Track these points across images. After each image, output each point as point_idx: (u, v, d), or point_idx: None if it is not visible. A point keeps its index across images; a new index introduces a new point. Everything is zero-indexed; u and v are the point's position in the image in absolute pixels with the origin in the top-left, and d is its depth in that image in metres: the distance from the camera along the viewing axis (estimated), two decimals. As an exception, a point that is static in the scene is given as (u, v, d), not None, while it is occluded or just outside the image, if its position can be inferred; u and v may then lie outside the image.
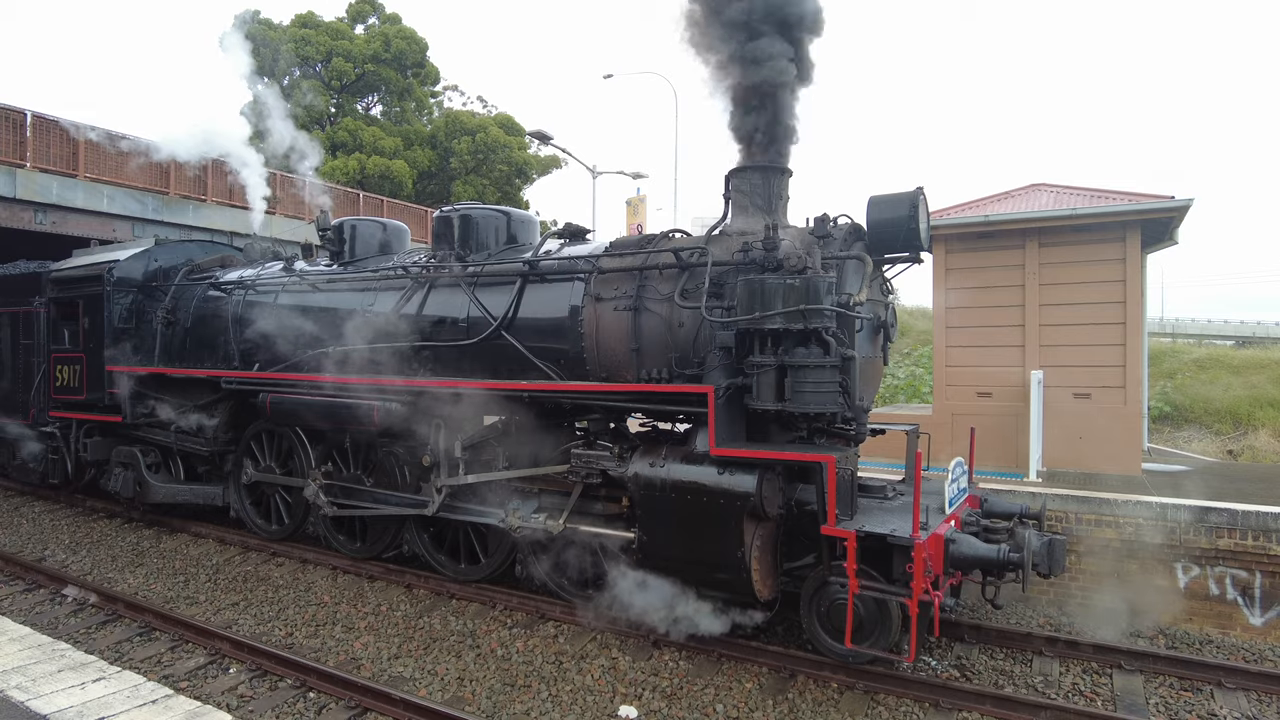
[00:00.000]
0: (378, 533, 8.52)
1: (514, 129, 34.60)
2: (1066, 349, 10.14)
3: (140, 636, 7.08)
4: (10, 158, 14.44)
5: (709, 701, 5.68)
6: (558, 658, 6.35)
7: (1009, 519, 6.40)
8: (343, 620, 7.29)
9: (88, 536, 10.35)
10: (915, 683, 5.74)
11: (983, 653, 6.55)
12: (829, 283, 5.58)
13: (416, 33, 34.21)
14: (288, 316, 9.10)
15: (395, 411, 7.50)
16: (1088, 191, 10.76)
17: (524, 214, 8.69)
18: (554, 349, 7.03)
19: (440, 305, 7.82)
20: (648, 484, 6.04)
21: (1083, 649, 6.50)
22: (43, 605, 7.98)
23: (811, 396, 5.49)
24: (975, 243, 10.67)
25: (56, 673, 4.43)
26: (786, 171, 6.64)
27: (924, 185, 6.17)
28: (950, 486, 5.95)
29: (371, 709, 5.57)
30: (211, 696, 5.80)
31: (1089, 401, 10.03)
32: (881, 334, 6.73)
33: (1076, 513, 7.82)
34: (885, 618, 5.56)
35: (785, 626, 6.71)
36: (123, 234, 15.84)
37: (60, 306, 11.39)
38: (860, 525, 5.46)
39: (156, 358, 10.51)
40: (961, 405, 10.66)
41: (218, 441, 9.79)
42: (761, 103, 6.26)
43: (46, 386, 11.53)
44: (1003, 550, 5.49)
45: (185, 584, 8.45)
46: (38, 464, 11.95)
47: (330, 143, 30.10)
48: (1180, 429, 16.69)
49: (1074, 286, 10.10)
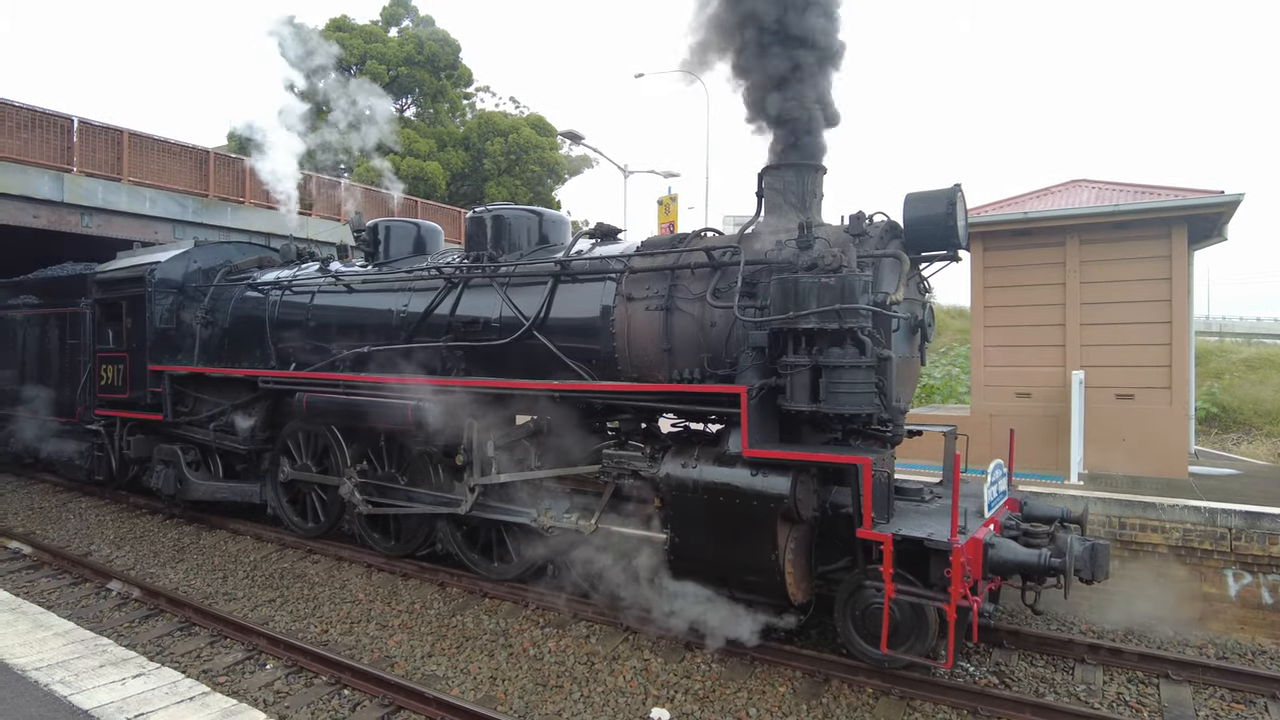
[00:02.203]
0: (411, 531, 8.58)
1: (546, 129, 34.76)
2: (1109, 349, 9.89)
3: (180, 631, 7.21)
4: (58, 163, 14.84)
5: (742, 705, 5.62)
6: (590, 658, 6.34)
7: (1049, 523, 6.25)
8: (377, 618, 7.36)
9: (131, 532, 10.58)
10: (952, 689, 5.62)
11: (1022, 659, 6.41)
12: (865, 281, 5.48)
13: (449, 34, 34.54)
14: (323, 316, 9.22)
15: (428, 411, 7.55)
16: (1131, 187, 10.49)
17: (556, 214, 8.71)
18: (585, 349, 7.02)
19: (473, 305, 7.86)
20: (680, 485, 6.00)
21: (1127, 657, 6.32)
22: (88, 599, 8.17)
23: (846, 397, 5.40)
24: (1014, 240, 10.46)
25: (98, 668, 4.51)
26: (821, 168, 6.55)
27: (961, 182, 6.05)
28: (989, 489, 5.82)
29: (405, 707, 5.61)
30: (248, 692, 5.87)
31: (1132, 403, 9.77)
32: (918, 333, 6.61)
33: (1120, 517, 7.61)
34: (922, 623, 5.46)
35: (819, 630, 6.63)
36: (164, 236, 16.19)
37: (105, 307, 11.66)
38: (897, 528, 5.37)
39: (196, 357, 10.71)
40: (1000, 406, 10.46)
41: (255, 440, 9.94)
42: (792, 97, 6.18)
43: (92, 385, 11.81)
44: (1043, 555, 5.36)
45: (224, 580, 8.59)
46: (84, 461, 12.27)
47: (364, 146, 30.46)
48: (1229, 431, 16.22)
49: (1117, 285, 9.85)
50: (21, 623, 5.24)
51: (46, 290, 13.68)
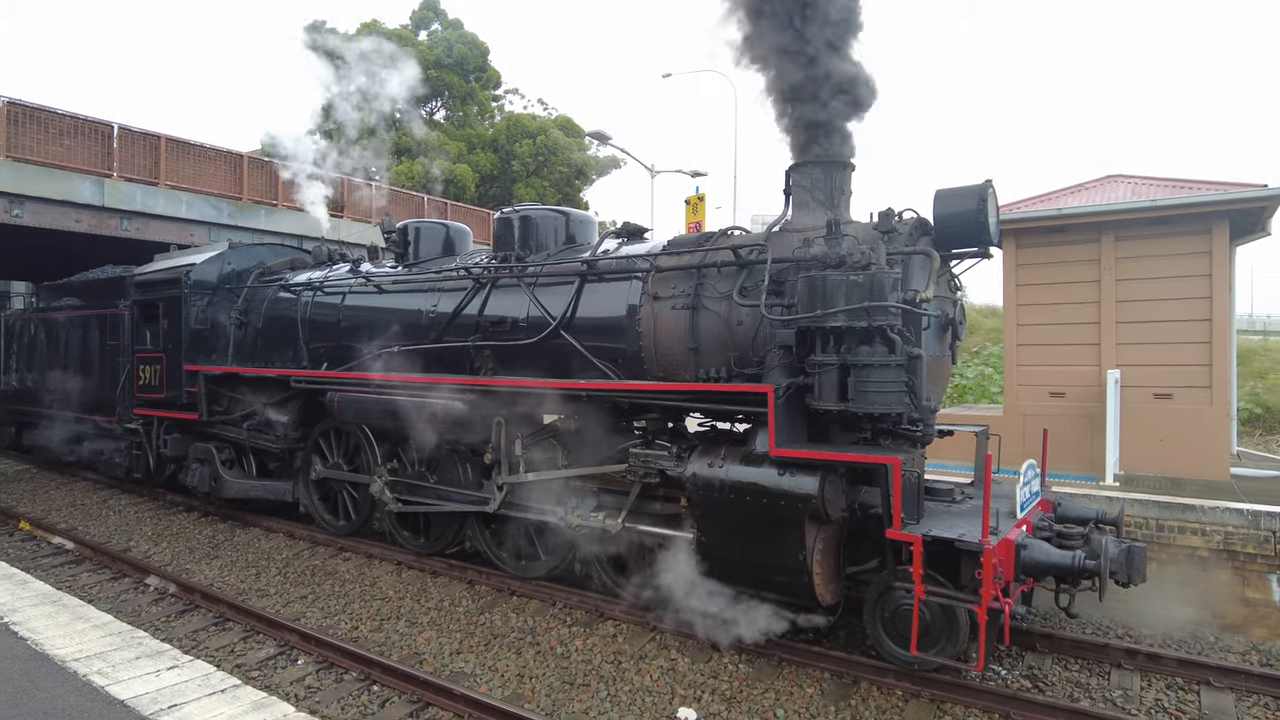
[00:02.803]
0: (441, 529, 8.65)
1: (573, 130, 34.91)
2: (1146, 347, 9.68)
3: (215, 626, 7.34)
4: (99, 168, 15.20)
5: (769, 706, 5.58)
6: (616, 657, 6.34)
7: (1084, 524, 6.12)
8: (406, 615, 7.43)
9: (168, 529, 10.79)
10: (984, 692, 5.53)
11: (1056, 663, 6.29)
12: (894, 279, 5.42)
13: (478, 37, 34.84)
14: (354, 317, 9.34)
15: (457, 410, 7.60)
16: (1169, 182, 10.26)
17: (582, 214, 8.73)
18: (612, 348, 7.02)
19: (501, 305, 7.90)
20: (706, 484, 5.98)
21: (1166, 662, 6.17)
22: (127, 593, 8.35)
23: (876, 396, 5.34)
24: (1047, 237, 10.28)
25: (134, 660, 4.60)
26: (849, 165, 6.48)
27: (993, 178, 5.96)
28: (1021, 490, 5.73)
29: (433, 704, 5.65)
30: (280, 686, 5.96)
31: (1171, 402, 9.55)
32: (949, 332, 6.52)
33: (1158, 519, 7.45)
34: (952, 625, 5.38)
35: (848, 631, 6.56)
36: (199, 239, 16.53)
37: (143, 309, 11.91)
38: (927, 529, 5.30)
39: (230, 357, 10.90)
40: (1033, 406, 10.29)
41: (288, 439, 10.09)
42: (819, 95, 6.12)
43: (130, 385, 12.08)
44: (1078, 557, 5.26)
45: (257, 576, 8.73)
46: (123, 459, 12.56)
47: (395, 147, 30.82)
48: (1274, 432, 15.79)
49: (1154, 282, 9.64)
50: (62, 615, 5.37)
51: (87, 292, 14.04)
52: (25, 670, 4.42)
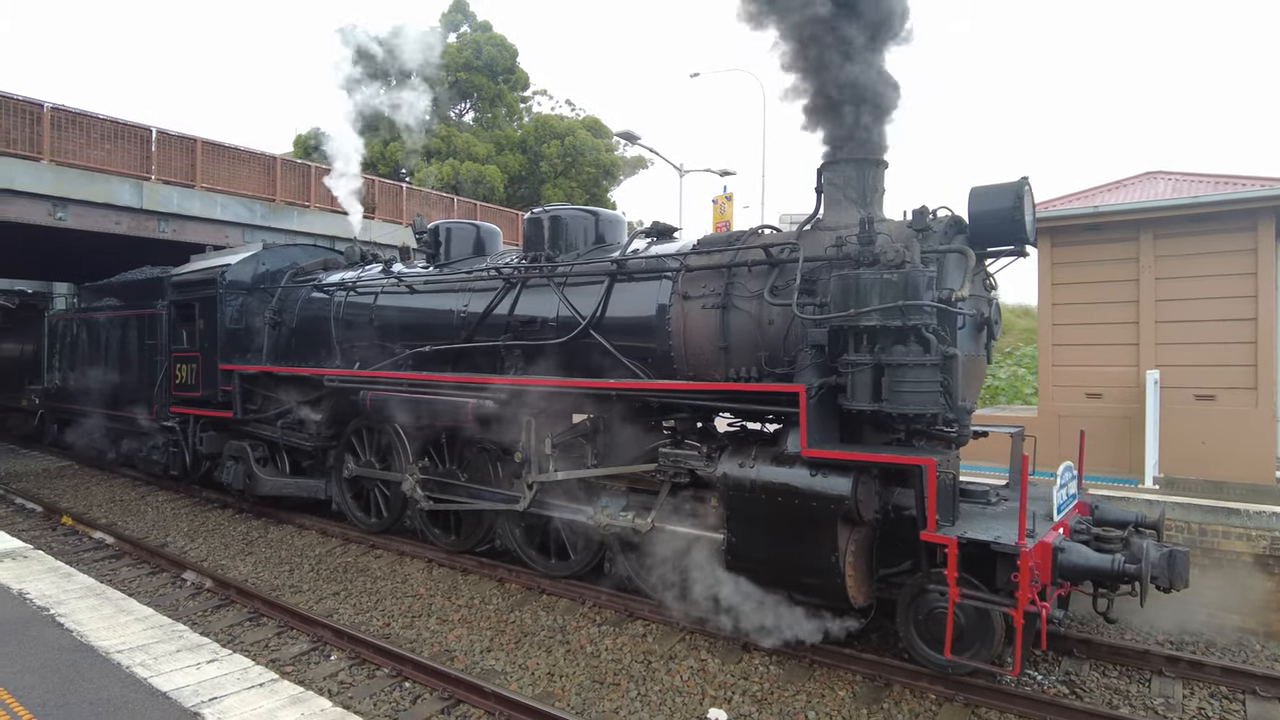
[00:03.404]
0: (471, 527, 8.71)
1: (601, 131, 34.97)
2: (1187, 347, 9.46)
3: (250, 621, 7.45)
4: (138, 171, 15.52)
5: (800, 708, 5.54)
6: (646, 657, 6.33)
7: (1123, 528, 6.00)
8: (437, 612, 7.48)
9: (204, 525, 10.98)
10: (1020, 697, 5.44)
11: (1094, 669, 6.17)
12: (929, 277, 5.35)
13: (506, 39, 35.02)
14: (386, 317, 9.43)
15: (488, 409, 7.65)
16: (1211, 178, 10.01)
17: (612, 214, 8.74)
18: (641, 347, 7.02)
19: (531, 305, 7.93)
20: (737, 485, 5.95)
21: (1209, 670, 6.02)
22: (165, 588, 8.51)
23: (910, 396, 5.28)
24: (1084, 235, 10.09)
25: (175, 652, 4.69)
26: (882, 163, 6.41)
27: (1029, 175, 5.87)
28: (1058, 492, 5.63)
29: (464, 700, 5.68)
30: (314, 682, 6.03)
31: (1213, 404, 9.32)
32: (985, 331, 6.43)
33: (1201, 523, 7.28)
34: (987, 628, 5.30)
35: (880, 634, 6.49)
36: (234, 240, 16.82)
37: (179, 309, 12.14)
38: (962, 531, 5.22)
39: (264, 356, 11.07)
40: (1069, 407, 10.10)
41: (320, 437, 10.22)
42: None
43: (168, 384, 12.31)
44: (1117, 561, 5.16)
45: (290, 573, 8.85)
46: (161, 456, 12.81)
47: (425, 149, 31.10)
48: (1318, 435, 15.33)
49: (1196, 280, 9.41)
50: (106, 608, 5.48)
51: (126, 293, 14.33)
52: (72, 661, 4.53)
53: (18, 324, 20.36)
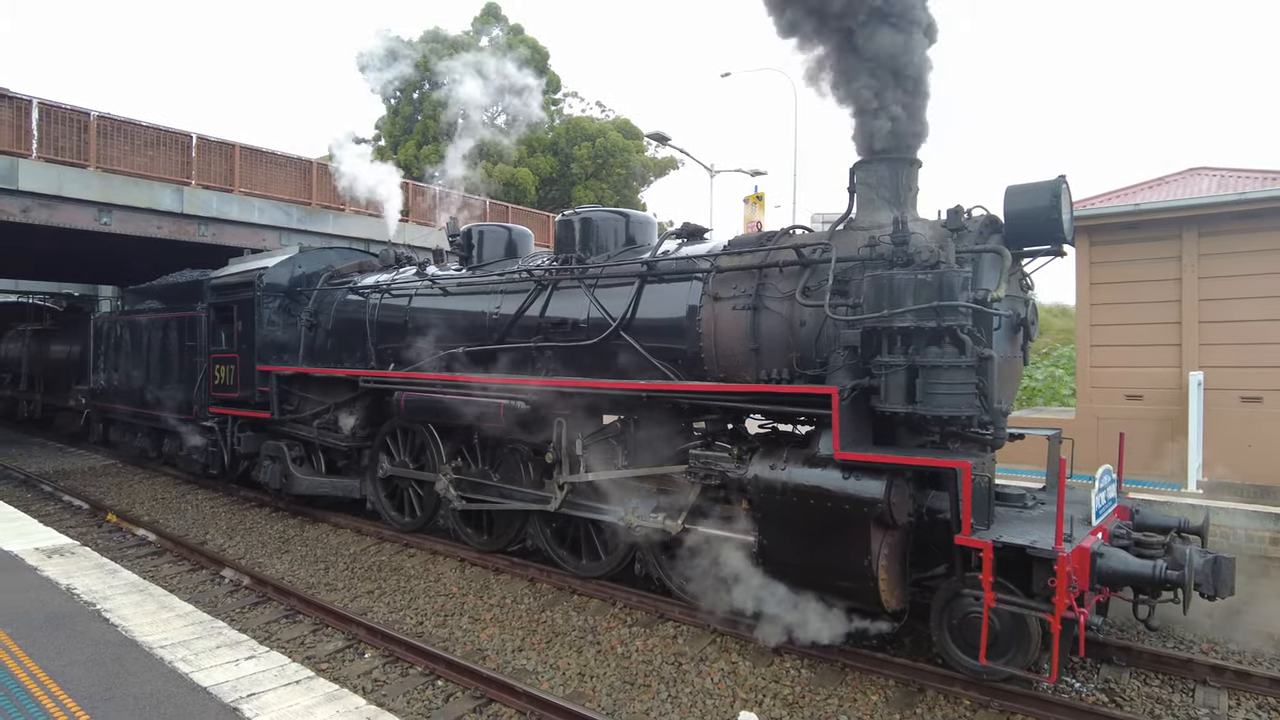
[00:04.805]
0: (503, 527, 8.78)
1: (632, 132, 35.04)
2: (1232, 348, 9.23)
3: (286, 619, 7.58)
4: (178, 176, 15.89)
5: (832, 712, 5.50)
6: (677, 658, 6.33)
7: (1164, 533, 5.87)
8: (469, 611, 7.55)
9: (242, 523, 11.20)
10: (1057, 705, 5.34)
11: (1135, 677, 6.03)
12: (964, 278, 5.28)
13: (538, 42, 35.24)
14: (420, 318, 9.54)
15: (520, 410, 7.70)
16: (1258, 173, 9.76)
17: (642, 215, 8.75)
18: (672, 349, 7.02)
19: (561, 307, 7.97)
20: (768, 487, 5.92)
21: (1257, 681, 5.85)
22: (204, 584, 8.69)
23: (945, 398, 5.21)
24: (1123, 234, 9.90)
25: (215, 649, 4.79)
26: (916, 162, 6.34)
27: (1066, 173, 5.78)
28: (1097, 496, 5.52)
29: (496, 700, 5.72)
30: (348, 679, 6.12)
31: (1260, 406, 9.09)
32: (1021, 332, 6.33)
33: (1247, 529, 7.09)
34: (1023, 634, 5.21)
35: (913, 638, 6.42)
36: (271, 243, 17.13)
37: (218, 311, 12.38)
38: (997, 535, 5.14)
39: (300, 358, 11.25)
40: (1108, 409, 9.91)
41: (355, 437, 10.37)
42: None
43: (207, 385, 12.57)
44: (1159, 567, 5.04)
45: (325, 571, 8.99)
46: (200, 456, 13.08)
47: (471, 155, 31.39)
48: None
49: (1242, 279, 9.19)
50: (149, 604, 5.61)
51: (167, 295, 14.67)
52: (117, 655, 4.64)
53: (65, 326, 20.98)
